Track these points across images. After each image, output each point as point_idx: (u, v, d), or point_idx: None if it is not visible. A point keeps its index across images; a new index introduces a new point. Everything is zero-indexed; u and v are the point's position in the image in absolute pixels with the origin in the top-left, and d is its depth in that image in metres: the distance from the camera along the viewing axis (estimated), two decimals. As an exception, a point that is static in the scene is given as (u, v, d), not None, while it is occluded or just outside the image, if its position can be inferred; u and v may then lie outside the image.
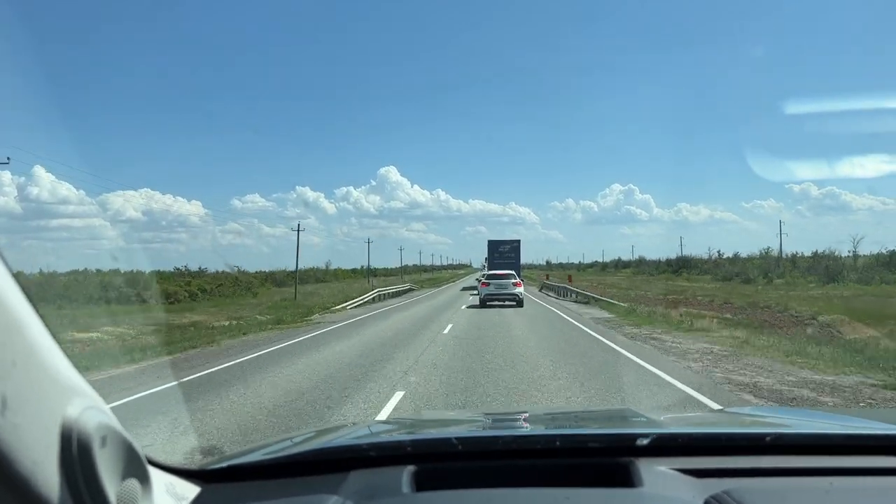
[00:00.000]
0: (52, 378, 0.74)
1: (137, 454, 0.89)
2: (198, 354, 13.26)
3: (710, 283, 51.29)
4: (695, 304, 28.44)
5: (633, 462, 1.29)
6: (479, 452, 1.45)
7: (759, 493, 1.16)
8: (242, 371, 10.48)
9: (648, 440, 1.36)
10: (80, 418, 0.75)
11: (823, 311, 21.74)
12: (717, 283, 50.85)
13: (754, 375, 9.33)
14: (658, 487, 1.20)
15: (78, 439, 0.73)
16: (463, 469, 1.36)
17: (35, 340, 0.73)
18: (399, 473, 1.27)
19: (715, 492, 1.16)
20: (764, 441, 1.45)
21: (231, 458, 1.46)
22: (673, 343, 13.59)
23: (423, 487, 1.24)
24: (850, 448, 1.43)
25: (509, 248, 46.95)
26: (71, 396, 0.77)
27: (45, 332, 0.77)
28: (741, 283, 49.22)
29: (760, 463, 1.34)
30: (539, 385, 8.57)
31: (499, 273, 29.05)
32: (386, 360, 11.13)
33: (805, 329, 18.03)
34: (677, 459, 1.33)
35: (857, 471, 1.33)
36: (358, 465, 1.33)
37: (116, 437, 0.83)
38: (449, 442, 1.47)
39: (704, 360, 11.06)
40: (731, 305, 27.56)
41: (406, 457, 1.35)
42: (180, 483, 1.20)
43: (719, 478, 1.25)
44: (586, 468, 1.34)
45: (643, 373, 9.69)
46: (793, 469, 1.33)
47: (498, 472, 1.33)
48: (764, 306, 25.81)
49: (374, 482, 1.25)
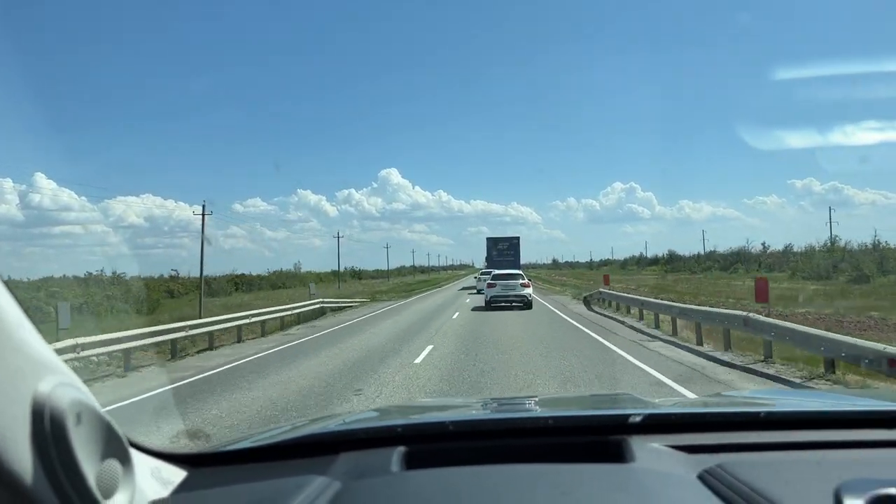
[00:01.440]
0: (22, 353, 0.72)
1: (117, 434, 0.85)
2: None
3: (799, 283, 36.90)
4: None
5: (626, 439, 1.29)
6: (470, 433, 1.46)
7: (751, 466, 1.16)
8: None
9: (641, 418, 1.37)
10: (53, 394, 0.72)
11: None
12: (810, 283, 35.93)
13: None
14: (650, 462, 1.20)
15: (51, 416, 0.71)
16: (454, 449, 1.36)
17: (3, 314, 0.71)
18: (389, 454, 1.27)
19: (708, 466, 1.16)
20: (757, 417, 1.48)
21: (220, 446, 1.46)
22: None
23: (414, 467, 1.24)
24: (841, 422, 1.45)
25: (508, 245, 45.80)
26: (43, 372, 0.74)
27: (15, 306, 0.75)
28: (848, 281, 35.06)
29: (753, 438, 1.35)
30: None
31: (506, 273, 26.45)
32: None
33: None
34: (670, 436, 1.34)
35: (847, 444, 1.33)
36: (349, 448, 1.33)
37: (93, 415, 0.80)
38: (441, 424, 1.48)
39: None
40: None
41: (397, 438, 1.35)
42: (166, 467, 1.19)
43: (712, 453, 1.25)
44: (578, 446, 1.34)
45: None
46: (785, 443, 1.33)
47: (489, 451, 1.33)
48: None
49: (364, 462, 1.25)
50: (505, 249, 45.10)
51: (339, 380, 9.73)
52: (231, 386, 9.66)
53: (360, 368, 10.79)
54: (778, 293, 24.89)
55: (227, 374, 11.14)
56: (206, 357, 13.93)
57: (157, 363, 13.03)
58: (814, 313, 18.87)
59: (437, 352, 12.49)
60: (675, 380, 8.95)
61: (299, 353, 13.61)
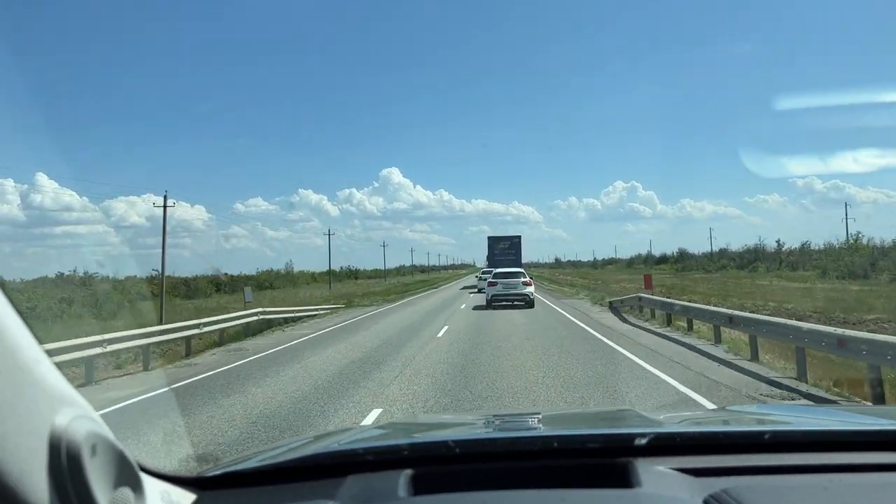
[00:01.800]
0: (39, 387, 0.74)
1: (129, 462, 0.89)
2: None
3: (837, 283, 33.29)
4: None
5: (632, 462, 1.28)
6: (476, 455, 1.45)
7: (757, 490, 1.15)
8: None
9: (646, 440, 1.36)
10: (70, 427, 0.75)
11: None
12: (850, 283, 32.20)
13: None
14: (656, 487, 1.19)
15: (67, 448, 0.73)
16: (460, 472, 1.36)
17: (20, 349, 0.73)
18: (396, 477, 1.27)
19: (713, 490, 1.16)
20: (762, 439, 1.45)
21: (227, 466, 1.47)
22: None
23: (420, 491, 1.24)
24: (849, 444, 1.41)
25: (509, 244, 45.73)
26: (60, 406, 0.76)
27: (33, 341, 0.77)
28: (891, 281, 31.54)
29: (759, 461, 1.33)
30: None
31: (507, 272, 26.20)
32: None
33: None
34: (675, 459, 1.33)
35: (855, 467, 1.31)
36: (355, 470, 1.33)
37: (107, 445, 0.82)
38: (446, 445, 1.45)
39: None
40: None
41: (403, 460, 1.36)
42: (175, 490, 1.20)
43: (718, 476, 1.24)
44: (584, 469, 1.34)
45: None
46: (791, 466, 1.32)
47: (495, 474, 1.33)
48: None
49: (371, 486, 1.25)
50: (506, 248, 45.02)
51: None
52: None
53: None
54: (856, 298, 21.26)
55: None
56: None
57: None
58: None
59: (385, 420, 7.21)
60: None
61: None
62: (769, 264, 57.62)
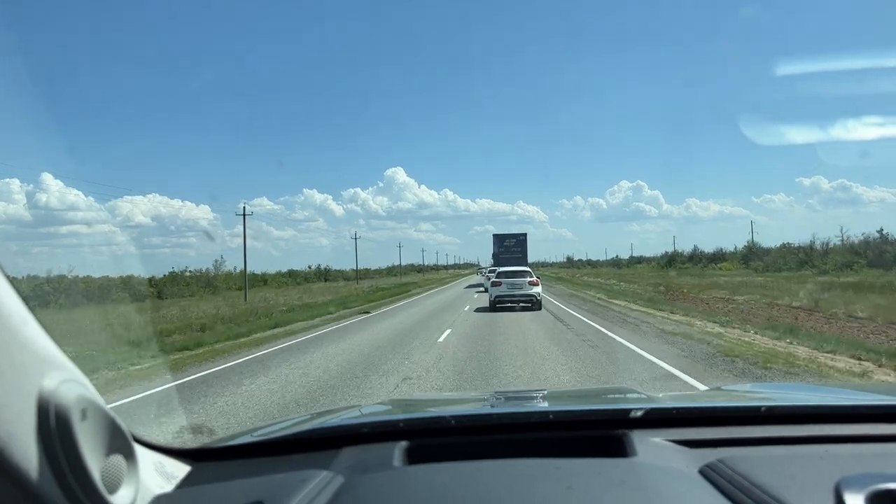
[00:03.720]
0: (27, 349, 0.73)
1: (122, 430, 0.86)
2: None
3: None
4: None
5: (627, 434, 1.29)
6: (472, 427, 1.45)
7: (753, 460, 1.15)
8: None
9: (642, 412, 1.37)
10: (58, 390, 0.73)
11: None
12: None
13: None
14: (651, 457, 1.19)
15: (56, 411, 0.71)
16: (456, 444, 1.36)
17: (7, 311, 0.71)
18: (391, 449, 1.27)
19: (709, 460, 1.16)
20: (758, 412, 1.46)
21: (224, 440, 1.47)
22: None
23: (416, 462, 1.24)
24: (843, 417, 1.43)
25: (515, 241, 44.58)
26: (48, 369, 0.75)
27: (20, 303, 0.75)
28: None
29: (754, 433, 1.34)
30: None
31: (512, 270, 23.55)
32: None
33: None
34: (671, 431, 1.33)
35: (849, 438, 1.32)
36: (351, 443, 1.33)
37: (98, 411, 0.80)
38: (443, 419, 1.47)
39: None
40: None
41: (399, 433, 1.36)
42: (170, 462, 1.19)
43: (713, 448, 1.24)
44: (580, 441, 1.34)
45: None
46: (786, 438, 1.32)
47: (491, 446, 1.33)
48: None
49: (366, 457, 1.25)
50: (512, 246, 43.78)
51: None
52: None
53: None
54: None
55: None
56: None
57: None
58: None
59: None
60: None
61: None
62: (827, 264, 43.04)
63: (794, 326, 14.31)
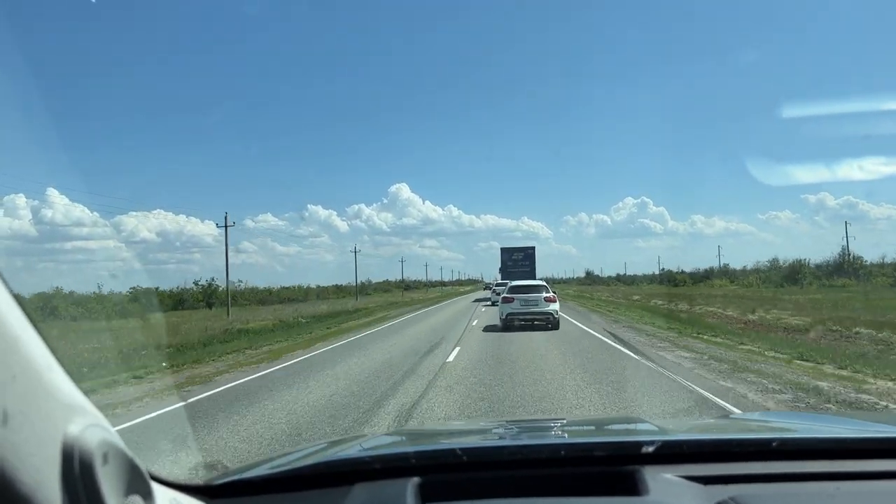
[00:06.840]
0: (53, 395, 0.74)
1: (140, 470, 0.89)
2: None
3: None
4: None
5: (639, 470, 1.28)
6: (483, 462, 1.44)
7: (765, 498, 1.16)
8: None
9: (654, 447, 1.35)
10: (82, 436, 0.75)
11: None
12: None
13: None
14: (664, 495, 1.19)
15: (80, 457, 0.73)
16: (468, 480, 1.35)
17: (35, 357, 0.73)
18: (404, 486, 1.26)
19: (721, 498, 1.16)
20: (770, 446, 1.45)
21: (236, 473, 1.46)
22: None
23: (428, 499, 1.23)
24: (856, 452, 1.41)
25: (523, 255, 44.03)
26: (72, 414, 0.77)
27: (46, 350, 0.77)
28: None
29: (766, 468, 1.33)
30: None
31: (526, 285, 20.56)
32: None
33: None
34: (683, 466, 1.32)
35: (863, 475, 1.31)
36: (362, 478, 1.32)
37: (119, 454, 0.83)
38: (453, 453, 1.45)
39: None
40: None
41: (411, 468, 1.34)
42: (185, 499, 1.20)
43: (725, 484, 1.24)
44: (592, 477, 1.33)
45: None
46: (798, 474, 1.31)
47: (503, 482, 1.33)
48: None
49: (379, 495, 1.24)
50: (520, 259, 43.47)
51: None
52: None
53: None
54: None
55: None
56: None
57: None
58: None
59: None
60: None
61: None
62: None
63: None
